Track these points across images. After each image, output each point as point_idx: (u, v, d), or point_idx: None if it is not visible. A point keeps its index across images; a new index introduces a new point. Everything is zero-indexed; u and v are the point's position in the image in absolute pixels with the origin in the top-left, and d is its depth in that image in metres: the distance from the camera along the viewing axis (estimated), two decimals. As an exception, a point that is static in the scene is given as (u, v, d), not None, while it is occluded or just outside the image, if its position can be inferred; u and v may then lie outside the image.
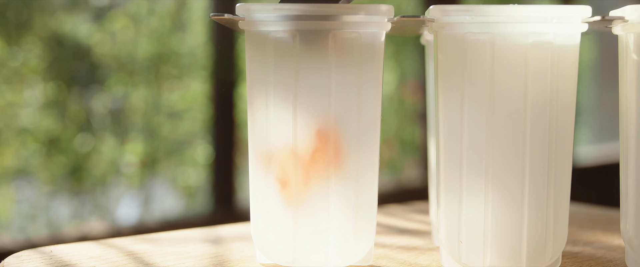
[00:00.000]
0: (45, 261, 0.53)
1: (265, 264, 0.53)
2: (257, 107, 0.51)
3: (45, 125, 1.31)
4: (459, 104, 0.50)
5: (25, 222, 1.31)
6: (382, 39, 0.50)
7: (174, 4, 1.45)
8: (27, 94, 1.29)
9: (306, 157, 0.50)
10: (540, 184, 0.50)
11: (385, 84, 1.81)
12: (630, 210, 0.50)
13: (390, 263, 0.54)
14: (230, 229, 0.67)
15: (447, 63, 0.50)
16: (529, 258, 0.50)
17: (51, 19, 1.32)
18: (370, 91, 0.50)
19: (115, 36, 1.38)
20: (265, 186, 0.51)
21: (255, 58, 0.51)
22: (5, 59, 1.26)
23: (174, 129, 1.46)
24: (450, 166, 0.50)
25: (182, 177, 1.48)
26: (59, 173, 1.33)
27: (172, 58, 1.44)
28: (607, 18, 0.49)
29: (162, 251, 0.57)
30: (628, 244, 0.51)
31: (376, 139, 0.51)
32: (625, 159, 0.51)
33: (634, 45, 0.49)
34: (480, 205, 0.50)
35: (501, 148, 0.50)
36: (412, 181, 1.87)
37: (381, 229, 0.67)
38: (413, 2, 1.85)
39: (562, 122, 0.50)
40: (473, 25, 0.49)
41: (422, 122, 1.84)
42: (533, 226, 0.50)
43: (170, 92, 1.45)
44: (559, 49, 0.49)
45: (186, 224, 1.33)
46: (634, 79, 0.50)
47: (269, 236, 0.52)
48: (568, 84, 0.50)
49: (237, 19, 0.50)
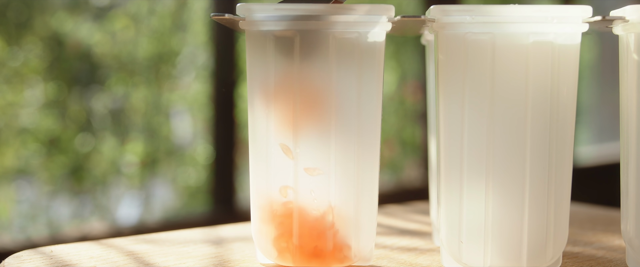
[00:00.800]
0: (46, 261, 0.53)
1: (265, 264, 0.53)
2: (258, 107, 0.51)
3: (46, 125, 1.31)
4: (459, 104, 0.50)
5: (26, 222, 1.31)
6: (383, 39, 0.50)
7: (174, 4, 1.45)
8: (28, 94, 1.29)
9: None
10: (540, 184, 0.50)
11: (386, 84, 1.81)
12: (631, 210, 0.50)
13: (390, 263, 0.54)
14: (230, 229, 0.67)
15: (448, 63, 0.50)
16: (530, 258, 0.50)
17: (51, 19, 1.32)
18: (371, 91, 0.50)
19: (115, 36, 1.38)
20: (266, 186, 0.51)
21: (255, 58, 0.51)
22: (5, 59, 1.26)
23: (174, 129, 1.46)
24: (451, 166, 0.50)
25: (182, 177, 1.48)
26: (59, 173, 1.33)
27: (172, 58, 1.44)
28: (608, 18, 0.49)
29: (163, 251, 0.57)
30: (629, 244, 0.51)
31: (376, 138, 0.51)
32: (625, 159, 0.51)
33: (634, 45, 0.49)
34: (481, 205, 0.50)
35: (502, 148, 0.50)
36: (412, 181, 1.86)
37: (381, 229, 0.67)
38: (413, 2, 1.85)
39: (563, 122, 0.50)
40: (474, 25, 0.49)
41: (422, 122, 1.84)
42: (533, 226, 0.50)
43: (171, 92, 1.44)
44: (560, 49, 0.49)
45: (186, 224, 1.33)
46: (634, 79, 0.49)
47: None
48: (568, 84, 0.50)
49: (238, 19, 0.50)
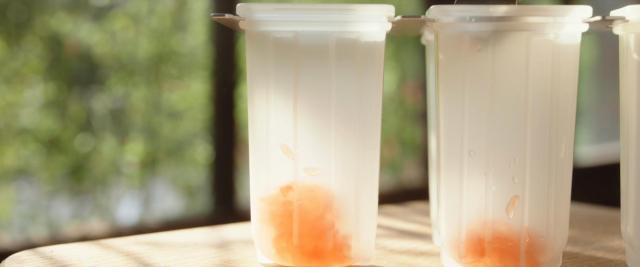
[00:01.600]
0: (46, 261, 0.53)
1: (265, 264, 0.53)
2: (258, 107, 0.51)
3: (46, 125, 1.31)
4: (459, 104, 0.50)
5: (26, 222, 1.31)
6: (383, 39, 0.50)
7: (174, 4, 1.44)
8: (27, 94, 1.29)
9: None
10: (540, 184, 0.50)
11: (386, 84, 1.81)
12: (631, 210, 0.50)
13: (390, 263, 0.54)
14: (230, 229, 0.67)
15: (448, 63, 0.50)
16: (530, 258, 0.50)
17: (51, 19, 1.32)
18: (371, 91, 0.50)
19: (115, 36, 1.38)
20: (266, 186, 0.51)
21: (255, 58, 0.51)
22: (5, 59, 1.26)
23: (174, 129, 1.46)
24: (451, 166, 0.50)
25: (182, 177, 1.48)
26: (59, 173, 1.33)
27: (172, 58, 1.44)
28: (608, 18, 0.49)
29: (163, 251, 0.57)
30: (629, 244, 0.51)
31: (376, 138, 0.51)
32: (625, 159, 0.51)
33: (634, 45, 0.49)
34: (481, 205, 0.50)
35: (502, 148, 0.50)
36: (412, 181, 1.86)
37: (381, 230, 0.67)
38: (413, 2, 1.85)
39: (563, 121, 0.50)
40: (473, 25, 0.49)
41: (422, 122, 1.84)
42: (534, 226, 0.50)
43: (171, 92, 1.44)
44: (560, 49, 0.49)
45: (186, 224, 1.33)
46: (634, 79, 0.49)
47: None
48: (568, 84, 0.50)
49: (238, 19, 0.50)
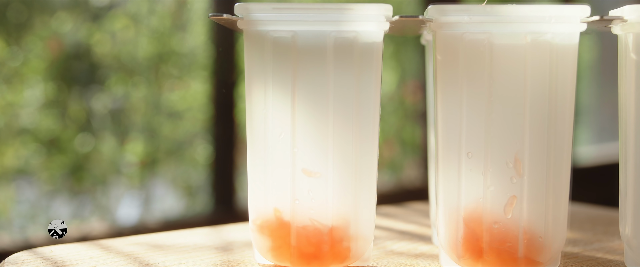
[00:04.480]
0: (45, 261, 0.53)
1: (263, 264, 0.53)
2: (256, 106, 0.51)
3: (46, 125, 1.31)
4: (457, 103, 0.50)
5: (25, 222, 1.31)
6: (381, 39, 0.50)
7: (174, 4, 1.45)
8: (27, 94, 1.29)
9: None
10: (539, 184, 0.50)
11: (386, 84, 1.81)
12: (629, 210, 0.50)
13: (389, 264, 0.54)
14: (230, 229, 0.67)
15: (446, 63, 0.50)
16: (529, 258, 0.50)
17: (51, 19, 1.32)
18: (369, 91, 0.50)
19: (115, 36, 1.38)
20: (264, 186, 0.51)
21: (254, 58, 0.51)
22: (5, 59, 1.26)
23: (174, 129, 1.46)
24: (449, 166, 0.50)
25: (182, 177, 1.48)
26: (59, 173, 1.33)
27: (172, 58, 1.44)
28: (606, 18, 0.49)
29: (163, 251, 0.57)
30: (627, 244, 0.51)
31: (375, 138, 0.51)
32: (624, 160, 0.51)
33: (633, 45, 0.49)
34: (479, 205, 0.50)
35: (500, 148, 0.50)
36: (412, 181, 1.86)
37: (380, 230, 0.67)
38: (413, 2, 1.85)
39: (561, 121, 0.50)
40: (471, 25, 0.49)
41: (422, 122, 1.84)
42: (532, 226, 0.50)
43: (171, 92, 1.44)
44: (558, 49, 0.49)
45: (186, 224, 1.33)
46: (633, 79, 0.49)
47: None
48: (567, 84, 0.50)
49: (236, 18, 0.50)
